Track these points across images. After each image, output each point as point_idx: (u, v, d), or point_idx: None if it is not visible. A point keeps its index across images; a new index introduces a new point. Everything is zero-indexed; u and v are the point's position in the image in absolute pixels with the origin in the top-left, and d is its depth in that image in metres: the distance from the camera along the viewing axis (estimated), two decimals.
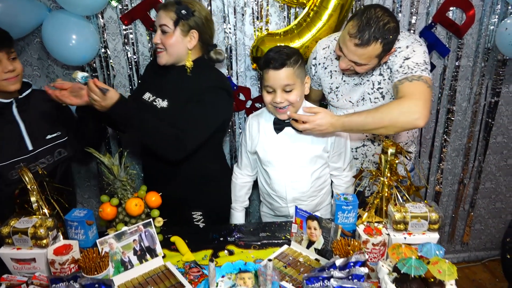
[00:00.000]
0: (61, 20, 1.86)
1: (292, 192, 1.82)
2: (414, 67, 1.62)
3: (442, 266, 1.14)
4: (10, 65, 1.63)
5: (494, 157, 2.58)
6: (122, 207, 1.56)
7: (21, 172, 1.48)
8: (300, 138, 1.76)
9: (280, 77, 1.63)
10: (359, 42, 1.56)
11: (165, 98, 1.76)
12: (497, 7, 2.18)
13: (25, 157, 1.71)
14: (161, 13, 1.71)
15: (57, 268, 1.35)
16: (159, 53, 1.74)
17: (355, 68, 1.67)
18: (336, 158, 1.83)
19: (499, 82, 2.34)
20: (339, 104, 1.89)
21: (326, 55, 1.88)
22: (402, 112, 1.53)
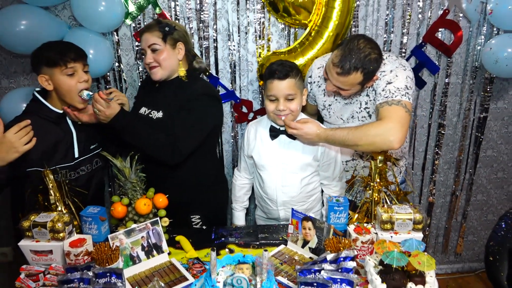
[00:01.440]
0: (80, 36, 2.03)
1: (282, 195, 1.95)
2: (395, 91, 1.72)
3: (421, 258, 1.26)
4: (85, 75, 1.76)
5: (485, 170, 2.70)
6: (132, 207, 1.69)
7: (44, 173, 1.62)
8: (292, 145, 1.90)
9: (283, 87, 1.79)
10: (340, 71, 1.70)
11: (160, 109, 1.90)
12: (483, 29, 2.33)
13: (69, 164, 1.81)
14: (146, 36, 1.86)
15: (72, 259, 1.47)
16: (153, 69, 1.88)
17: (340, 92, 1.82)
18: (326, 168, 1.96)
19: (487, 99, 2.48)
20: (332, 121, 2.03)
21: (320, 74, 2.01)
22: (379, 134, 1.64)
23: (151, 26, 1.88)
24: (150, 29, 1.86)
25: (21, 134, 1.60)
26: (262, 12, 2.24)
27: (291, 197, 1.95)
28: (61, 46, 1.75)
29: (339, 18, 2.15)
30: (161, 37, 1.85)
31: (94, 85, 2.28)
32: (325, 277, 1.31)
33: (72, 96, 1.76)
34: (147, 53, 1.87)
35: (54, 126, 1.79)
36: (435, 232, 2.83)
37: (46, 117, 1.78)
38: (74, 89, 1.75)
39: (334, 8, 2.14)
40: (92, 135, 1.92)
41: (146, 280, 1.53)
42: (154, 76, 1.89)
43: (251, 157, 2.00)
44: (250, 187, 2.12)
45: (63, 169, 1.79)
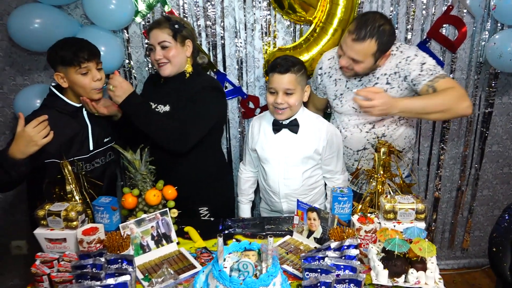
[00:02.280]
0: (91, 34, 2.08)
1: (284, 188, 2.00)
2: (435, 68, 1.81)
3: (422, 245, 1.30)
4: (98, 74, 1.81)
5: (491, 166, 2.71)
6: (142, 198, 1.74)
7: (62, 164, 1.68)
8: (294, 139, 1.94)
9: (283, 81, 1.83)
10: (356, 37, 1.77)
11: (167, 103, 1.96)
12: (487, 24, 2.35)
13: (85, 157, 1.87)
14: (156, 32, 1.90)
15: (85, 246, 1.53)
16: (162, 66, 1.92)
17: (354, 67, 1.85)
18: (328, 161, 2.00)
19: (492, 94, 2.49)
20: (343, 110, 2.05)
21: (331, 65, 2.06)
22: (459, 98, 1.73)
23: (160, 22, 1.91)
24: (160, 26, 1.90)
25: (39, 128, 1.66)
26: (268, 10, 2.29)
27: (293, 190, 2.00)
28: (76, 45, 1.79)
29: (343, 14, 2.19)
30: (171, 34, 1.89)
31: None
32: (329, 264, 1.35)
33: (87, 91, 1.82)
34: (156, 50, 1.91)
35: (71, 120, 1.85)
36: (441, 227, 2.84)
37: (63, 110, 1.84)
38: (89, 87, 1.80)
39: (339, 4, 2.18)
40: (105, 128, 1.98)
41: (155, 268, 1.58)
42: (163, 72, 1.94)
43: (255, 151, 2.04)
44: (255, 180, 2.17)
45: (80, 161, 1.85)
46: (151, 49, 1.94)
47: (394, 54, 1.91)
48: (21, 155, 1.64)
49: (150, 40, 1.92)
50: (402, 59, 1.88)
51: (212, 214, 2.07)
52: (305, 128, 1.94)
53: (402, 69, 1.87)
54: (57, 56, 1.77)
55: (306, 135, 1.94)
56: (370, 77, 1.96)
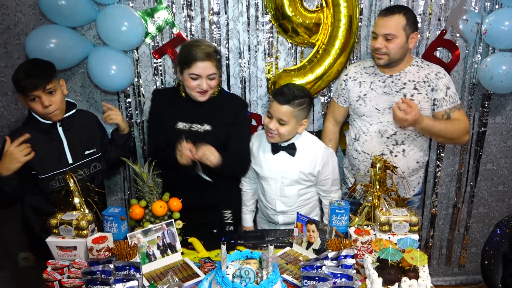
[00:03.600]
0: (103, 54, 2.21)
1: (280, 205, 2.10)
2: (454, 96, 2.09)
3: (414, 254, 1.38)
4: (47, 100, 1.87)
5: (485, 183, 2.78)
6: (149, 209, 1.83)
7: (67, 177, 1.78)
8: (291, 161, 2.04)
9: (280, 110, 1.93)
10: (385, 13, 2.01)
11: (205, 123, 2.05)
12: (479, 47, 2.47)
13: (65, 170, 1.96)
14: (206, 65, 1.94)
15: (94, 254, 1.61)
16: (205, 94, 2.00)
17: (388, 46, 2.00)
18: (323, 182, 2.09)
19: (485, 114, 2.59)
20: (365, 110, 2.15)
21: (356, 70, 2.22)
22: (463, 131, 2.08)
23: (210, 55, 1.96)
24: (210, 58, 1.95)
25: (22, 147, 1.81)
26: (270, 32, 2.41)
27: (288, 207, 2.10)
28: (24, 73, 1.83)
29: (344, 36, 2.31)
30: (217, 65, 1.99)
31: (114, 98, 2.46)
32: (326, 272, 1.43)
33: (43, 116, 1.92)
34: (203, 80, 1.96)
35: (45, 136, 1.96)
36: (439, 244, 2.90)
37: (36, 128, 1.95)
38: (41, 112, 1.89)
39: (340, 27, 2.30)
40: (86, 142, 2.06)
41: (161, 276, 1.65)
42: (202, 98, 2.01)
43: (253, 168, 2.14)
44: (254, 192, 2.25)
45: (60, 175, 1.96)
46: (193, 78, 1.97)
47: (421, 67, 2.10)
48: (6, 172, 1.79)
49: (194, 70, 1.94)
50: (431, 72, 2.08)
51: (235, 217, 2.21)
52: (302, 151, 2.04)
53: (432, 81, 2.06)
54: (12, 82, 1.88)
55: (303, 158, 2.03)
56: (396, 81, 2.09)
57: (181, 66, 1.99)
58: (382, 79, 2.12)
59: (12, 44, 2.31)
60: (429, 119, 2.03)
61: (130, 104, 2.45)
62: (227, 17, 2.37)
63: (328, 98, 2.54)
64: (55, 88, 1.90)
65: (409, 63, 2.10)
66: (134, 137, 2.47)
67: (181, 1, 2.33)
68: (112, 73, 2.20)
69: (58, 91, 1.92)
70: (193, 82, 1.97)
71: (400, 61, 2.06)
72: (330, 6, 2.31)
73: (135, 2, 2.30)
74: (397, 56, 2.03)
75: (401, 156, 2.13)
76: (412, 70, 2.09)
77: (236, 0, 2.35)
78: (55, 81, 1.90)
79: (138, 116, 2.48)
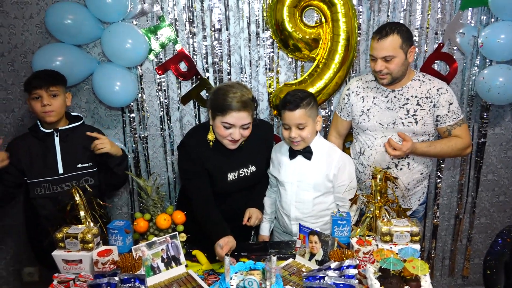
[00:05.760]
0: (108, 70, 2.27)
1: (295, 211, 2.10)
2: (457, 111, 2.10)
3: (416, 263, 1.39)
4: (47, 100, 1.98)
5: (487, 194, 2.80)
6: (153, 222, 1.85)
7: (73, 190, 1.81)
8: (307, 165, 2.06)
9: (294, 117, 1.96)
10: (379, 37, 2.01)
11: (249, 164, 2.07)
12: (476, 60, 2.51)
13: (53, 178, 2.04)
14: (243, 115, 1.85)
15: (100, 267, 1.62)
16: (236, 143, 1.93)
17: (388, 67, 2.02)
18: (340, 189, 2.08)
19: (485, 125, 2.62)
20: (369, 125, 2.17)
21: (358, 85, 2.24)
22: (462, 148, 2.12)
23: (247, 104, 1.87)
24: (246, 108, 1.87)
25: None
26: (271, 48, 2.47)
27: (303, 214, 2.10)
28: (35, 74, 2.04)
29: (343, 51, 2.37)
30: (252, 114, 1.92)
31: (118, 114, 2.50)
32: (329, 282, 1.44)
33: (39, 115, 2.02)
34: (236, 129, 1.88)
35: (40, 143, 2.06)
36: (441, 255, 2.90)
37: (35, 135, 2.06)
38: (39, 110, 2.00)
39: (339, 42, 2.36)
40: (82, 155, 2.10)
41: None
42: (232, 147, 1.95)
43: (272, 174, 2.18)
44: (272, 201, 2.27)
45: (46, 182, 2.03)
46: (226, 127, 1.88)
47: (423, 81, 2.12)
48: None
49: (229, 119, 1.85)
50: (432, 87, 2.09)
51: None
52: (318, 155, 2.06)
53: (434, 97, 2.08)
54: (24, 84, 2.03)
55: (319, 162, 2.05)
56: (398, 97, 2.12)
57: (214, 112, 1.90)
58: (385, 94, 2.15)
59: (19, 62, 2.37)
60: (424, 145, 2.06)
61: (134, 119, 2.50)
62: (228, 33, 2.43)
63: (328, 111, 2.58)
64: (58, 93, 2.02)
65: (411, 77, 2.13)
66: (138, 153, 2.50)
67: (183, 18, 2.39)
68: (117, 89, 2.25)
69: (61, 97, 2.04)
70: (226, 131, 1.88)
71: (402, 76, 2.09)
72: (329, 21, 2.37)
73: (138, 20, 2.37)
74: (400, 73, 2.06)
75: (406, 169, 2.16)
76: (414, 85, 2.12)
77: (237, 17, 2.42)
78: (60, 88, 2.04)
79: (142, 130, 2.52)
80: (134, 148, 2.54)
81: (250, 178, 2.07)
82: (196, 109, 2.53)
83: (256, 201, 2.17)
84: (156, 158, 2.60)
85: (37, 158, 2.04)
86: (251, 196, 2.16)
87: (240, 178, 2.05)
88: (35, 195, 2.04)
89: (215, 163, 1.99)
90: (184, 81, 2.48)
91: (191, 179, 2.00)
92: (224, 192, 2.04)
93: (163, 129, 2.55)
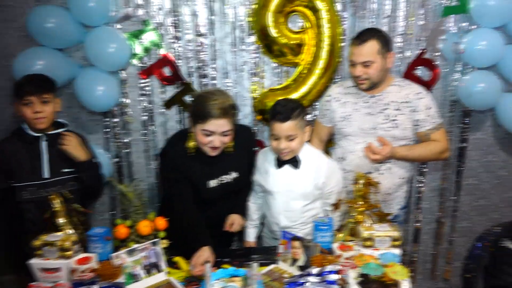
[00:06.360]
0: (91, 75, 2.25)
1: (284, 220, 2.09)
2: (435, 115, 2.13)
3: (395, 268, 1.41)
4: (39, 107, 1.95)
5: (468, 198, 2.83)
6: (134, 228, 1.83)
7: (53, 197, 1.78)
8: (295, 174, 2.05)
9: (284, 128, 1.94)
10: (358, 42, 2.02)
11: (230, 171, 2.04)
12: (458, 66, 2.54)
13: (38, 183, 2.01)
14: (223, 122, 1.84)
15: (78, 275, 1.61)
16: (217, 150, 1.91)
17: (368, 72, 2.04)
18: (327, 195, 2.09)
19: (466, 130, 2.66)
20: (350, 131, 2.19)
21: (339, 91, 2.26)
22: (440, 152, 2.16)
23: (227, 111, 1.86)
24: (227, 115, 1.86)
25: None
26: (256, 52, 2.47)
27: (292, 222, 2.08)
28: (27, 78, 1.99)
29: (328, 56, 2.39)
30: (232, 120, 1.90)
31: (100, 118, 2.47)
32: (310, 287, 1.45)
33: (29, 121, 1.99)
34: (216, 136, 1.87)
35: (27, 146, 2.03)
36: (423, 258, 2.93)
37: (21, 138, 2.03)
38: (29, 117, 1.97)
39: (323, 48, 2.38)
40: (67, 160, 2.07)
41: None
42: (213, 153, 1.93)
43: (259, 182, 2.16)
44: (258, 207, 2.25)
45: (32, 187, 2.00)
46: (207, 135, 1.88)
47: (402, 86, 2.14)
48: None
49: (209, 127, 1.84)
50: (411, 91, 2.12)
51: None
52: (306, 163, 2.05)
53: (413, 101, 2.10)
54: (13, 87, 1.99)
55: (307, 170, 2.04)
56: (378, 103, 2.14)
57: (194, 119, 1.89)
58: (365, 100, 2.17)
59: (0, 67, 2.33)
60: (403, 149, 2.09)
61: (117, 124, 2.48)
62: (213, 38, 2.43)
63: (313, 116, 2.59)
64: (49, 99, 1.99)
65: (390, 82, 2.16)
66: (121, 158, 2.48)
67: (167, 22, 2.38)
68: (99, 93, 2.22)
69: (52, 104, 2.01)
70: (206, 138, 1.87)
71: (381, 82, 2.12)
72: (313, 27, 2.39)
73: (122, 24, 2.35)
74: (379, 78, 2.08)
75: (387, 174, 2.18)
76: (393, 90, 2.14)
77: (222, 22, 2.42)
78: (52, 94, 2.01)
79: (125, 135, 2.50)
80: (117, 153, 2.52)
81: (232, 184, 2.06)
82: (180, 114, 2.52)
83: (239, 207, 2.16)
84: (139, 163, 2.58)
85: (24, 163, 2.01)
86: (234, 203, 2.15)
87: (222, 185, 2.04)
88: (21, 199, 2.01)
89: (196, 170, 1.99)
90: (168, 85, 2.47)
91: (173, 186, 2.00)
92: (207, 199, 2.03)
93: (146, 134, 2.53)
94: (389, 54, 2.07)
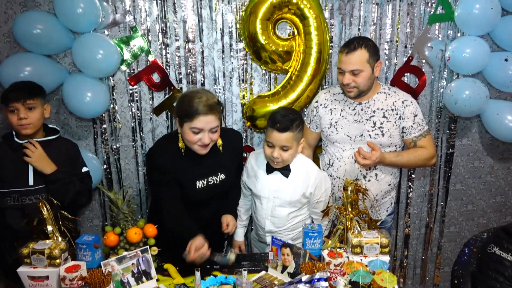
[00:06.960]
0: (79, 81, 2.23)
1: (270, 225, 2.11)
2: (422, 122, 2.17)
3: (384, 276, 1.42)
4: (23, 113, 1.94)
5: (456, 203, 2.88)
6: (124, 236, 1.82)
7: (40, 204, 1.76)
8: (284, 182, 2.07)
9: (281, 138, 1.96)
10: (347, 51, 2.04)
11: (217, 172, 2.04)
12: (444, 73, 2.59)
13: (23, 190, 1.99)
14: (210, 118, 1.84)
15: (67, 283, 1.59)
16: (206, 147, 1.91)
17: (356, 80, 2.06)
18: (316, 205, 2.12)
19: (453, 136, 2.70)
20: (337, 137, 2.20)
21: (326, 97, 2.27)
22: (428, 159, 2.18)
23: (213, 107, 1.86)
24: (212, 111, 1.85)
25: None
26: (245, 59, 2.48)
27: (278, 227, 2.11)
28: (12, 86, 1.99)
29: (316, 63, 2.40)
30: (219, 117, 1.91)
31: (89, 125, 2.46)
32: None
33: (15, 127, 1.98)
34: (205, 133, 1.87)
35: (13, 153, 2.01)
36: (413, 264, 2.96)
37: (9, 144, 2.02)
38: (14, 123, 1.96)
39: (311, 55, 2.39)
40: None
41: None
42: (203, 152, 1.93)
43: (247, 186, 2.18)
44: (247, 209, 2.27)
45: (15, 193, 1.99)
46: (195, 132, 1.87)
47: (389, 94, 2.16)
48: None
49: (197, 124, 1.84)
50: (397, 99, 2.14)
51: None
52: (296, 173, 2.07)
53: (399, 109, 2.13)
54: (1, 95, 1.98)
55: (296, 179, 2.06)
56: (365, 109, 2.16)
57: (182, 119, 1.88)
58: (352, 107, 2.19)
59: None
60: (392, 155, 2.12)
61: (106, 130, 2.46)
62: (202, 45, 2.43)
63: None
64: (35, 105, 1.98)
65: (377, 90, 2.18)
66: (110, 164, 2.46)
67: (156, 29, 2.38)
68: (88, 100, 2.21)
69: (38, 110, 2.00)
70: (195, 136, 1.87)
71: (368, 90, 2.14)
72: (302, 34, 2.40)
73: (110, 30, 2.34)
74: (366, 87, 2.10)
75: (374, 181, 2.20)
76: (380, 97, 2.16)
77: (211, 28, 2.42)
78: (38, 101, 2.00)
79: (114, 142, 2.49)
80: (106, 160, 2.50)
81: (219, 185, 2.06)
82: (168, 120, 2.51)
83: (231, 209, 2.16)
84: (128, 170, 2.56)
85: (9, 169, 1.99)
86: (223, 204, 2.15)
87: (209, 186, 2.04)
88: (4, 205, 1.99)
89: (184, 171, 1.98)
90: (157, 92, 2.46)
91: (161, 188, 1.99)
92: (195, 200, 2.03)
93: (135, 140, 2.52)
94: (377, 63, 2.09)
